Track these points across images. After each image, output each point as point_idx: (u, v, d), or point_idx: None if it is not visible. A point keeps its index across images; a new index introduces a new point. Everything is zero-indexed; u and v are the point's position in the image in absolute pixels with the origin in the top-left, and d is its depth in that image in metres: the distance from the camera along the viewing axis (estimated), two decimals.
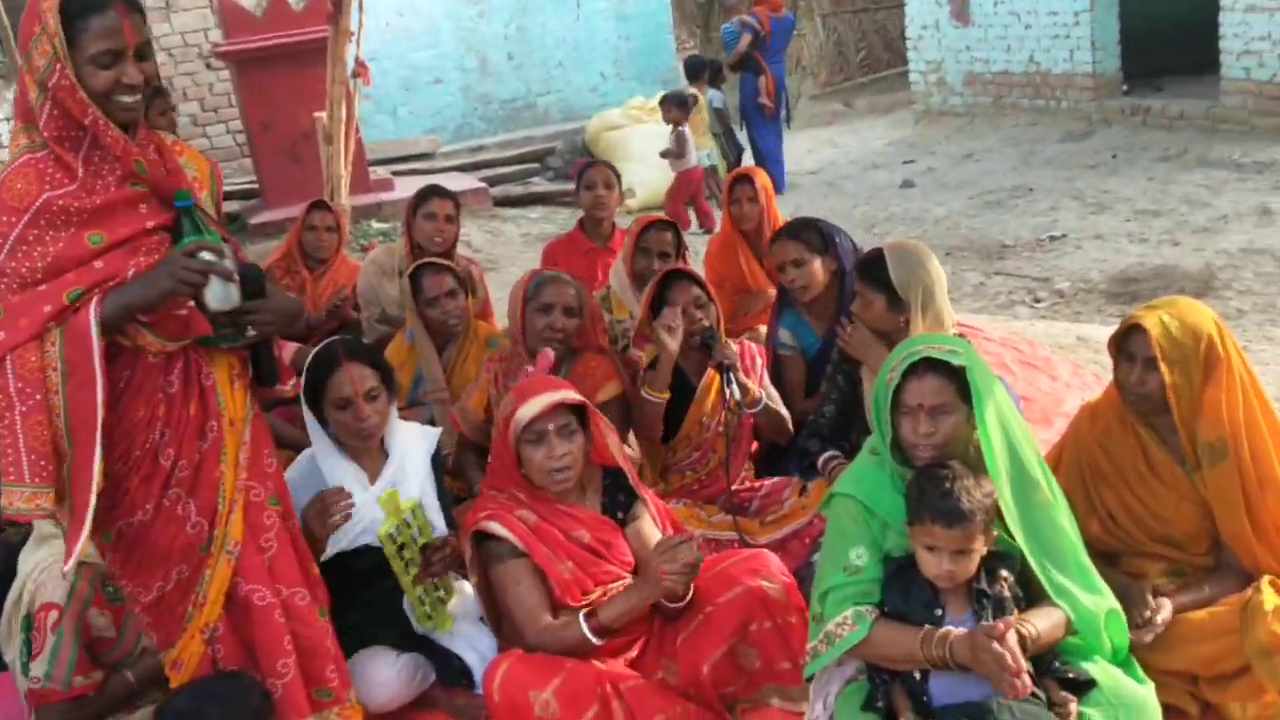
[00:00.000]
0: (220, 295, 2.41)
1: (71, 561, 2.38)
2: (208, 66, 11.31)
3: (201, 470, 2.55)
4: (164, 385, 2.50)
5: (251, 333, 2.53)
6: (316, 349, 3.31)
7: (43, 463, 2.33)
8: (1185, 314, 2.91)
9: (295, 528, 2.77)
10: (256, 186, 10.44)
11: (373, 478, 3.23)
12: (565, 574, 2.97)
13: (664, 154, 10.09)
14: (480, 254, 8.98)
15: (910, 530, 2.63)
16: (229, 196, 10.77)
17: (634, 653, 3.04)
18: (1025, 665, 2.40)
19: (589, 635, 2.84)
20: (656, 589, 2.83)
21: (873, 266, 3.50)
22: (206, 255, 2.37)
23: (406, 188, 9.33)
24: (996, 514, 2.61)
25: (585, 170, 5.43)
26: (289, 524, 2.74)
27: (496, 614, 3.14)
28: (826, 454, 3.63)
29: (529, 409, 2.96)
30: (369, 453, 3.26)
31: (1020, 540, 2.63)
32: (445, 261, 4.33)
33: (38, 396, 2.30)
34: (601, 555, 3.04)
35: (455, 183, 10.88)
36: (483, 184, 10.95)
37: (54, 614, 2.80)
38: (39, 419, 2.31)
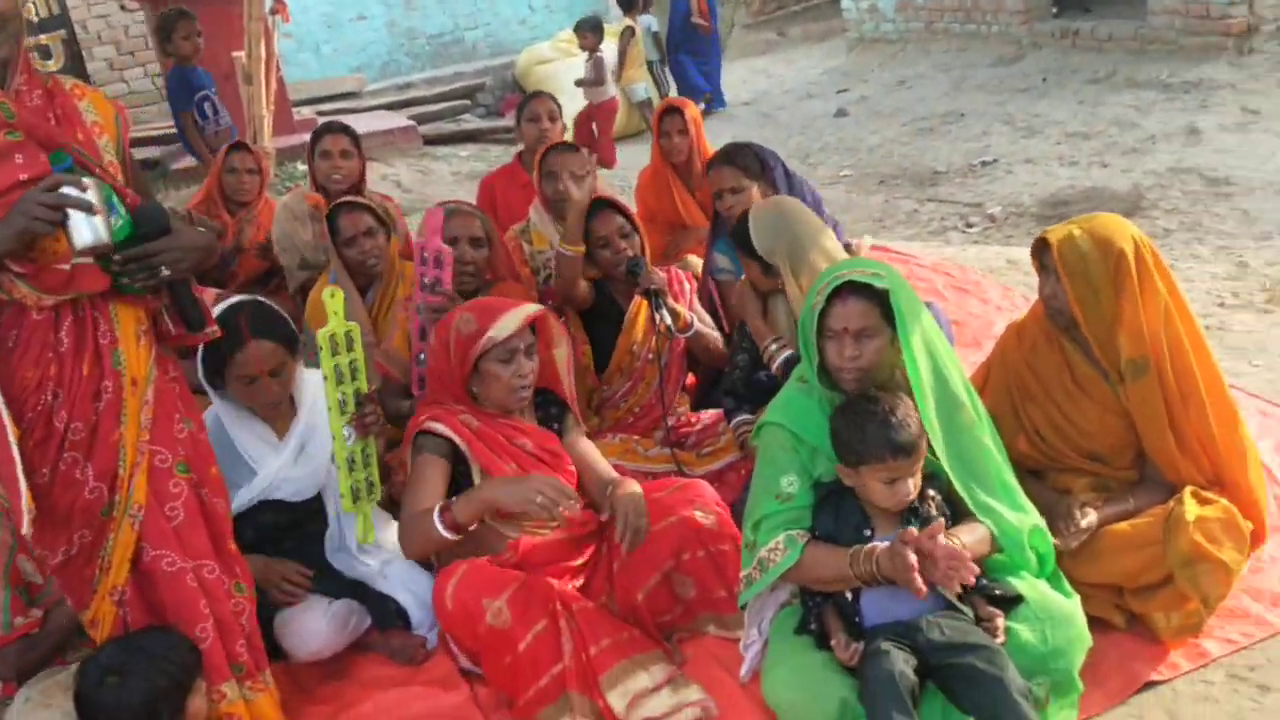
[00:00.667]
0: (84, 231, 2.25)
1: (25, 521, 2.34)
2: (122, 8, 10.92)
3: (98, 432, 2.47)
4: (54, 344, 2.42)
5: (166, 272, 2.43)
6: (220, 313, 3.13)
7: None
8: (1099, 228, 2.91)
9: (209, 498, 2.66)
10: (176, 131, 10.12)
11: (281, 433, 3.19)
12: (509, 471, 2.98)
13: (579, 82, 9.79)
14: (411, 194, 8.83)
15: (857, 471, 2.62)
16: (150, 141, 10.47)
17: (581, 580, 3.06)
18: (968, 556, 2.43)
19: (440, 527, 2.81)
20: (518, 498, 2.76)
21: (742, 233, 3.53)
22: (67, 190, 2.23)
23: None
24: None
25: (528, 102, 5.32)
26: (201, 493, 2.64)
27: None
28: (738, 418, 3.61)
29: (504, 327, 2.98)
30: (276, 408, 3.21)
31: (944, 461, 2.65)
32: (362, 200, 4.23)
33: None
34: (546, 463, 3.07)
35: (383, 121, 10.68)
36: (411, 122, 10.73)
37: None
38: None
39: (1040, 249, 2.98)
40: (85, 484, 2.47)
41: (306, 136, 9.82)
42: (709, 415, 3.90)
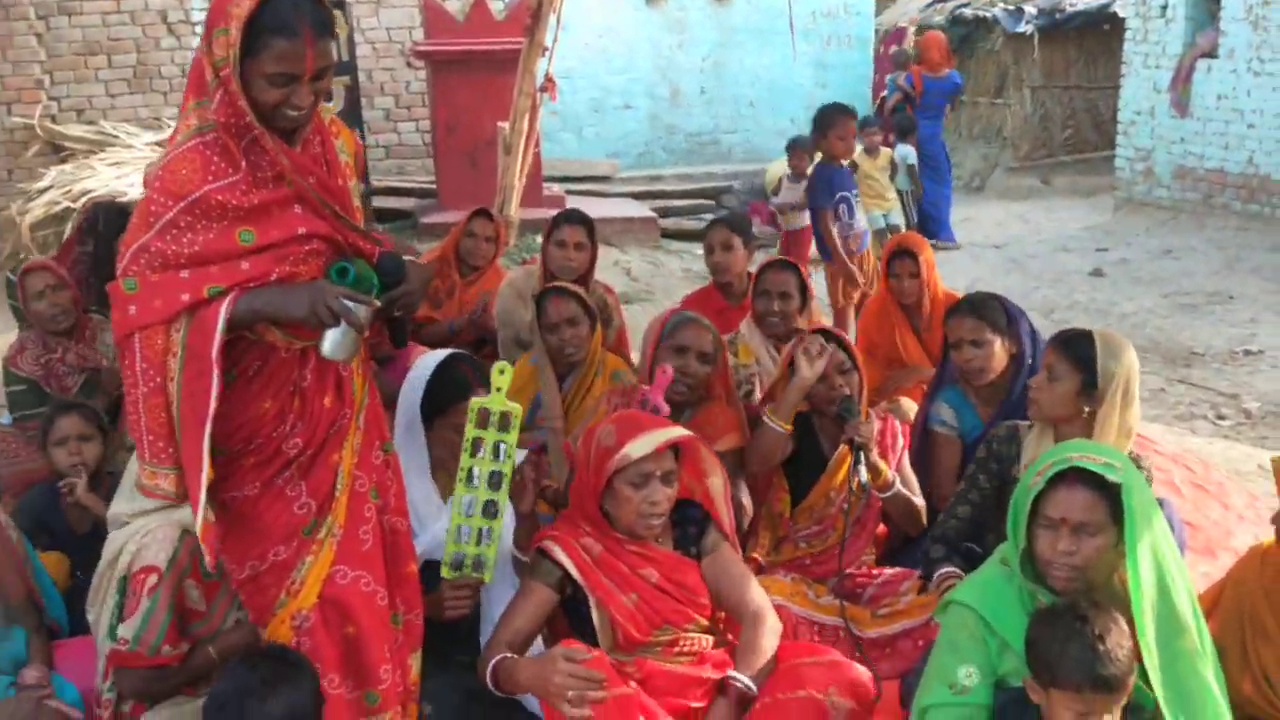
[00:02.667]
0: (335, 345, 2.38)
1: (206, 553, 2.40)
2: (408, 65, 11.57)
3: (320, 454, 2.53)
4: (297, 379, 2.49)
5: (399, 313, 2.56)
6: (447, 360, 3.24)
7: (160, 444, 2.37)
8: None
9: (391, 523, 2.70)
10: (434, 186, 10.60)
11: (444, 494, 3.16)
12: (628, 604, 2.80)
13: (778, 206, 9.08)
14: (639, 284, 8.89)
15: (1047, 692, 2.34)
16: (409, 193, 11.00)
17: None
18: None
19: (486, 675, 2.71)
20: (540, 689, 2.59)
21: (1076, 342, 3.19)
22: (351, 308, 2.33)
23: (577, 206, 9.32)
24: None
25: (706, 231, 5.21)
26: (384, 519, 2.68)
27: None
28: (943, 570, 3.26)
29: (638, 447, 2.77)
30: (447, 469, 3.18)
31: (1159, 692, 2.35)
32: (573, 288, 4.20)
33: (158, 379, 2.34)
34: (672, 596, 2.85)
35: (626, 209, 10.88)
36: (653, 214, 10.87)
37: (153, 577, 2.75)
38: (158, 401, 2.35)
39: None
40: (296, 499, 2.52)
41: (552, 213, 10.15)
42: (892, 572, 3.60)
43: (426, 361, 3.27)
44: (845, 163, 6.36)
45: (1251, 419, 6.39)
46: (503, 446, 2.91)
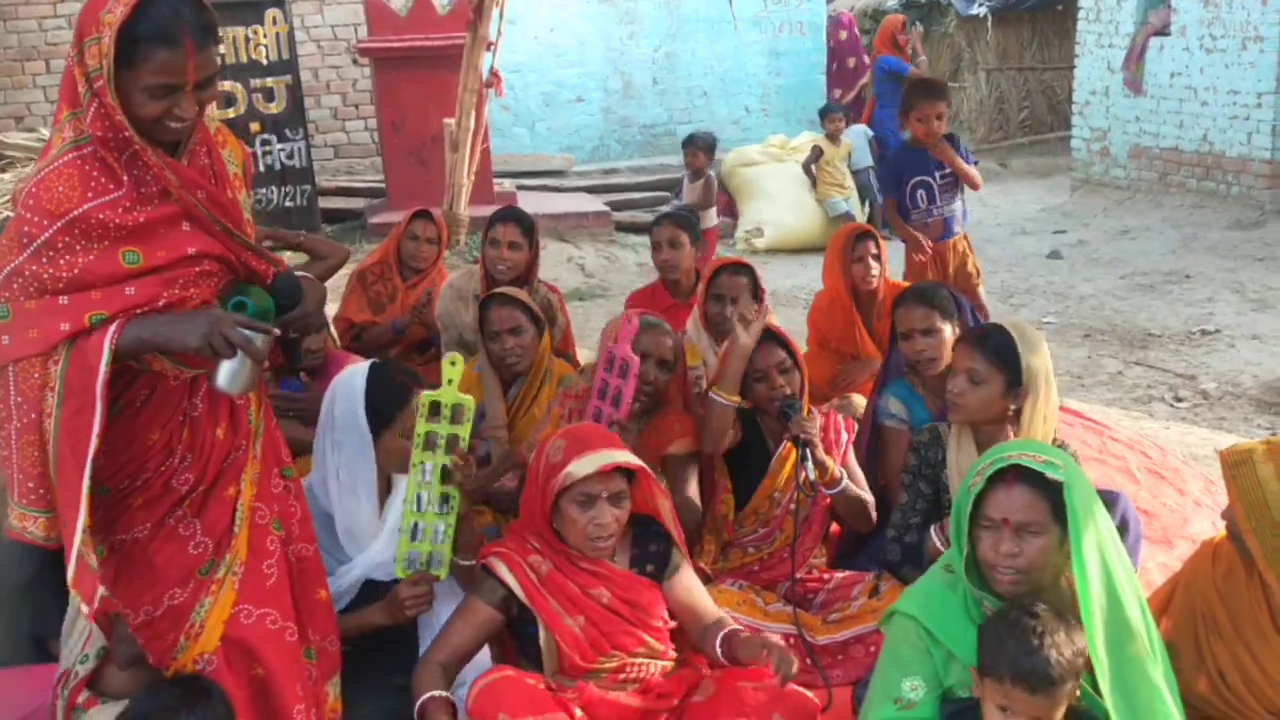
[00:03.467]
0: (232, 375, 2.22)
1: (82, 604, 2.22)
2: (354, 62, 11.39)
3: (215, 489, 2.39)
4: (187, 409, 2.34)
5: (294, 334, 2.48)
6: (391, 374, 3.12)
7: (30, 484, 2.19)
8: None
9: (297, 552, 2.57)
10: (384, 186, 10.43)
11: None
12: (575, 629, 2.70)
13: (690, 207, 8.32)
14: (593, 279, 8.75)
15: (982, 682, 2.28)
16: (357, 193, 10.82)
17: None
18: None
19: (416, 705, 2.61)
20: None
21: (995, 340, 3.11)
22: (252, 339, 2.19)
23: (530, 202, 9.17)
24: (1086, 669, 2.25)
25: (653, 227, 5.08)
26: (289, 550, 2.54)
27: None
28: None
29: (582, 466, 2.67)
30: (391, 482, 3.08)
31: (1109, 700, 2.26)
32: (518, 294, 4.04)
33: (33, 415, 2.16)
34: (622, 616, 2.75)
35: (580, 204, 10.74)
36: (606, 207, 10.73)
37: None
38: (31, 439, 2.17)
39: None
40: (190, 538, 2.37)
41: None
42: (843, 576, 3.52)
43: (353, 377, 3.09)
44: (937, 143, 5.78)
45: (1209, 399, 6.33)
46: (455, 439, 2.83)
